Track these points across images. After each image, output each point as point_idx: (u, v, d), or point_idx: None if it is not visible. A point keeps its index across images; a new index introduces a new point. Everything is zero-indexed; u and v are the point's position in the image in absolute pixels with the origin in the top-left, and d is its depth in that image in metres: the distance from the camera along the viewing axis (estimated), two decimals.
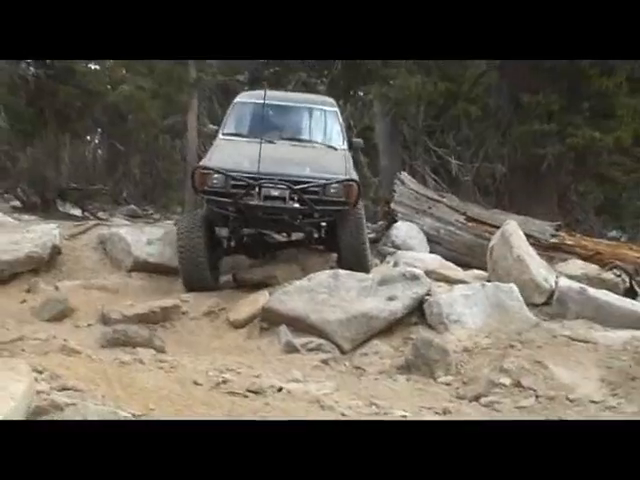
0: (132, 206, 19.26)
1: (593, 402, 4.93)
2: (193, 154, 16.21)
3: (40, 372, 3.89)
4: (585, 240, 9.72)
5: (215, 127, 9.64)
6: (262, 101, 8.27)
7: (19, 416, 2.87)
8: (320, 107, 9.50)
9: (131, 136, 20.01)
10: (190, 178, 8.09)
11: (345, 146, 9.00)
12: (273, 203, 7.55)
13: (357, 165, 9.82)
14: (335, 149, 8.81)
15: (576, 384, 5.24)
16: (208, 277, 8.00)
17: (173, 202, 20.43)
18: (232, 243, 8.59)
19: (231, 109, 9.48)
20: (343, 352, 6.28)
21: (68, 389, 3.69)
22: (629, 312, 6.78)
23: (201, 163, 8.24)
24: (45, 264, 8.80)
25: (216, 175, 7.67)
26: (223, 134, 8.99)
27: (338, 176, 7.80)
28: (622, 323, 6.59)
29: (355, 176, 8.10)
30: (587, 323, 6.64)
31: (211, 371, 4.95)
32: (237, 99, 9.72)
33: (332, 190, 7.69)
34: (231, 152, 8.24)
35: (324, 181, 7.67)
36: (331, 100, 10.06)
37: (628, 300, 7.27)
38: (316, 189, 7.63)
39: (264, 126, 8.49)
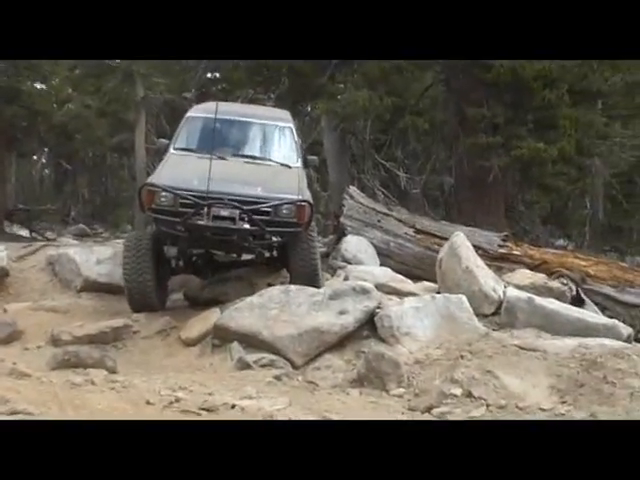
0: (81, 225, 19.04)
1: (543, 410, 5.01)
2: (141, 171, 16.14)
3: None
4: (532, 250, 9.86)
5: (165, 141, 9.19)
6: (214, 115, 7.97)
7: None
8: (274, 123, 9.14)
9: (78, 155, 19.85)
10: (137, 196, 7.74)
11: (299, 164, 8.72)
12: (222, 224, 7.28)
13: (308, 181, 9.69)
14: (289, 167, 8.51)
15: (526, 392, 5.31)
16: (154, 298, 7.82)
17: (123, 220, 20.31)
18: (180, 263, 8.41)
19: (183, 122, 9.06)
20: (295, 367, 6.27)
21: (18, 413, 3.64)
22: (576, 320, 6.90)
23: (149, 180, 7.89)
24: None
25: (164, 193, 7.39)
26: (174, 148, 8.61)
27: (290, 196, 7.58)
28: (569, 331, 6.71)
29: (308, 196, 7.86)
30: (535, 332, 6.74)
31: (163, 390, 4.92)
32: (190, 112, 9.32)
33: (284, 211, 7.47)
34: (181, 169, 7.97)
35: (275, 202, 7.45)
36: (286, 114, 9.68)
37: (575, 308, 7.40)
38: (267, 210, 7.41)
39: (216, 141, 8.19)
